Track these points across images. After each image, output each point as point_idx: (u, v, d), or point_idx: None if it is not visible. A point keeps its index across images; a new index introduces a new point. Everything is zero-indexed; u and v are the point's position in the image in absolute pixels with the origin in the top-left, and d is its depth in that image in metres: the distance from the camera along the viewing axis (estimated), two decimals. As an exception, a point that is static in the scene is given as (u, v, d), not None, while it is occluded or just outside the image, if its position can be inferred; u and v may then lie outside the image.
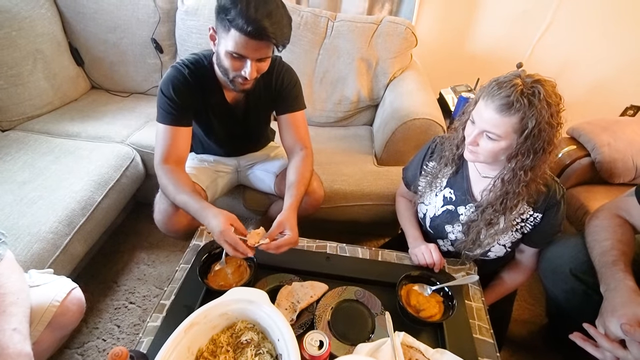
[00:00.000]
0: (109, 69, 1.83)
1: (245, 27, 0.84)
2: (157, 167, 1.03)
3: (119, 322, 1.30)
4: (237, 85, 0.98)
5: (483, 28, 1.95)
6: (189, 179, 1.04)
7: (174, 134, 1.03)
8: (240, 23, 0.84)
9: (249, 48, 0.89)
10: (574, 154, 1.43)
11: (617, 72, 1.94)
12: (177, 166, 1.04)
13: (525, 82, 0.77)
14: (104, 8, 1.68)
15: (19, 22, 1.49)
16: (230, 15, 0.84)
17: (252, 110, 1.17)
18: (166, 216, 1.09)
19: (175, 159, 1.04)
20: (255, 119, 1.22)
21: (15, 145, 1.41)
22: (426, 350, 0.80)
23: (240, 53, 0.90)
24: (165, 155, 1.03)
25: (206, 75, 1.04)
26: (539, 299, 1.47)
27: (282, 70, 1.12)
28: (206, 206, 0.93)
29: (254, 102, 1.14)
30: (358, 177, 1.43)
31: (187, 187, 0.99)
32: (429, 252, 1.00)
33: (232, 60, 0.92)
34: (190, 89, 1.02)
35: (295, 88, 1.15)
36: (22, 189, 1.21)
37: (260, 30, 0.85)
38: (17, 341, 0.67)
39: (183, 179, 1.02)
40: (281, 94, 1.13)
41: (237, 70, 0.94)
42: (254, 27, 0.84)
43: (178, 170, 1.03)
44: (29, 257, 1.03)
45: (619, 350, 0.69)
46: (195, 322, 0.72)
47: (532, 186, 0.86)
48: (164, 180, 1.01)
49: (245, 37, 0.86)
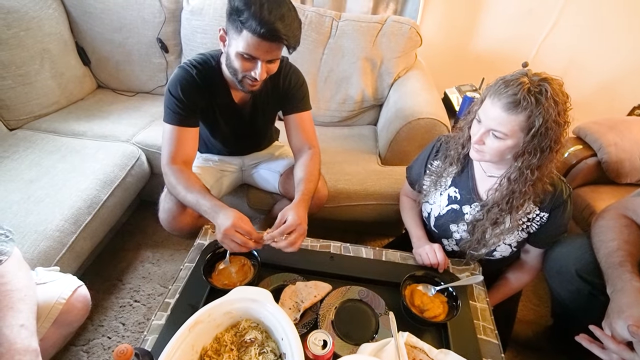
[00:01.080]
0: (114, 68, 1.85)
1: (258, 28, 0.85)
2: (165, 167, 1.03)
3: (124, 320, 1.31)
4: (245, 86, 0.99)
5: (488, 27, 1.94)
6: (197, 178, 1.04)
7: (181, 134, 1.04)
8: (253, 25, 0.85)
9: (261, 49, 0.90)
10: (580, 153, 1.42)
11: (624, 72, 1.92)
12: (185, 166, 1.05)
13: (532, 81, 0.76)
14: (110, 8, 1.70)
15: (27, 23, 1.51)
16: (243, 17, 0.85)
17: (259, 110, 1.17)
18: (171, 215, 1.10)
19: (183, 159, 1.04)
20: (262, 119, 1.22)
21: (22, 144, 1.43)
22: (430, 351, 0.79)
23: (252, 54, 0.90)
24: (173, 156, 1.03)
25: (214, 75, 1.05)
26: (544, 300, 1.46)
27: (289, 71, 1.13)
28: (220, 205, 0.93)
29: (261, 103, 1.15)
30: (362, 177, 1.43)
31: (197, 185, 1.00)
32: (433, 252, 0.99)
33: (243, 61, 0.93)
34: (198, 89, 1.03)
35: (302, 88, 1.15)
36: (29, 187, 1.23)
37: (273, 32, 0.86)
38: (25, 337, 0.68)
39: (192, 178, 1.02)
40: (288, 94, 1.14)
41: (247, 71, 0.95)
42: (267, 28, 0.85)
43: (186, 170, 1.04)
44: (36, 254, 1.04)
45: (626, 352, 0.69)
46: (199, 321, 0.73)
47: (539, 185, 0.86)
48: (172, 180, 1.01)
49: (258, 38, 0.87)
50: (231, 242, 0.87)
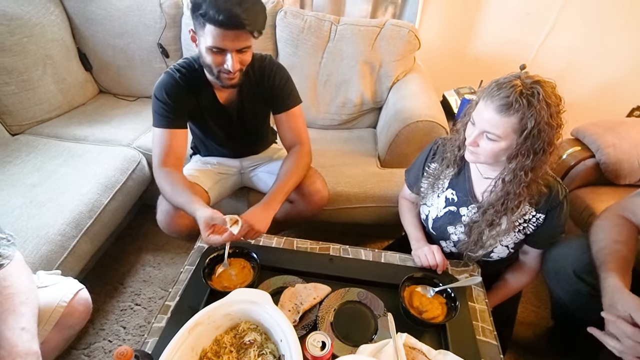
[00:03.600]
0: (116, 73, 1.87)
1: (217, 16, 0.85)
2: (156, 170, 1.06)
3: (125, 324, 1.32)
4: (223, 80, 1.00)
5: (486, 30, 1.95)
6: (185, 179, 1.06)
7: (170, 137, 1.06)
8: (211, 14, 0.85)
9: (226, 39, 0.90)
10: (578, 155, 1.42)
11: (623, 74, 1.92)
12: (175, 168, 1.06)
13: (524, 83, 0.77)
14: (112, 14, 1.72)
15: (30, 29, 1.53)
16: (202, 10, 0.86)
17: (246, 109, 1.17)
18: (168, 217, 1.11)
19: (173, 162, 1.06)
20: (251, 119, 1.22)
21: (25, 149, 1.44)
22: (429, 352, 0.80)
23: (219, 46, 0.91)
24: (163, 158, 1.05)
25: (197, 77, 1.06)
26: (545, 301, 1.46)
27: (273, 69, 1.12)
28: (196, 200, 0.96)
29: (248, 102, 1.15)
30: (361, 179, 1.44)
31: (183, 186, 1.01)
32: (431, 254, 1.00)
33: (214, 56, 0.94)
34: (182, 91, 1.05)
35: (287, 85, 1.15)
36: (31, 191, 1.24)
37: (232, 18, 0.86)
38: (26, 340, 0.68)
39: (179, 179, 1.04)
40: (274, 93, 1.14)
41: (220, 65, 0.95)
42: (225, 15, 0.85)
43: (175, 172, 1.06)
44: (38, 258, 1.05)
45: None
46: (199, 323, 0.73)
47: (533, 187, 0.86)
48: (162, 183, 1.03)
49: (220, 28, 0.87)
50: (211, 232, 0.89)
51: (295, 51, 1.70)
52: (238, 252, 0.99)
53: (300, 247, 1.08)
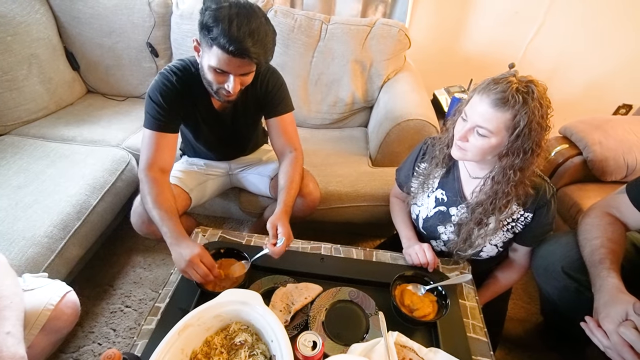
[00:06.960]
0: (104, 73, 1.84)
1: (227, 46, 0.84)
2: (141, 173, 1.02)
3: (115, 326, 1.30)
4: (221, 96, 0.99)
5: (475, 29, 1.97)
6: (169, 195, 1.01)
7: (160, 140, 1.03)
8: (222, 42, 0.84)
9: (232, 65, 0.90)
10: (566, 152, 1.44)
11: (610, 72, 1.95)
12: (162, 175, 1.03)
13: (520, 81, 0.79)
14: (99, 13, 1.69)
15: (14, 27, 1.50)
16: (212, 34, 0.85)
17: (240, 115, 1.17)
18: (140, 219, 1.09)
19: (160, 166, 1.03)
20: (244, 124, 1.22)
21: (10, 150, 1.41)
22: (420, 350, 0.80)
23: (223, 69, 0.90)
24: (151, 162, 1.02)
25: (193, 81, 1.04)
26: (535, 298, 1.48)
27: (267, 74, 1.12)
28: (184, 234, 0.92)
29: (242, 108, 1.15)
30: (353, 178, 1.44)
31: (167, 204, 0.97)
32: (422, 252, 1.00)
33: (216, 75, 0.93)
34: (178, 95, 1.03)
35: (281, 91, 1.15)
36: (17, 193, 1.22)
37: (242, 50, 0.85)
38: (11, 344, 0.67)
39: (165, 193, 1.00)
40: (267, 98, 1.13)
41: (221, 84, 0.95)
42: (236, 46, 0.84)
43: (161, 181, 1.02)
44: (24, 261, 1.03)
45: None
46: (189, 324, 0.73)
47: (520, 188, 0.87)
48: (145, 189, 0.99)
49: (228, 55, 0.86)
50: (193, 271, 0.86)
51: (285, 50, 1.69)
52: (229, 252, 0.98)
53: (291, 246, 1.08)
